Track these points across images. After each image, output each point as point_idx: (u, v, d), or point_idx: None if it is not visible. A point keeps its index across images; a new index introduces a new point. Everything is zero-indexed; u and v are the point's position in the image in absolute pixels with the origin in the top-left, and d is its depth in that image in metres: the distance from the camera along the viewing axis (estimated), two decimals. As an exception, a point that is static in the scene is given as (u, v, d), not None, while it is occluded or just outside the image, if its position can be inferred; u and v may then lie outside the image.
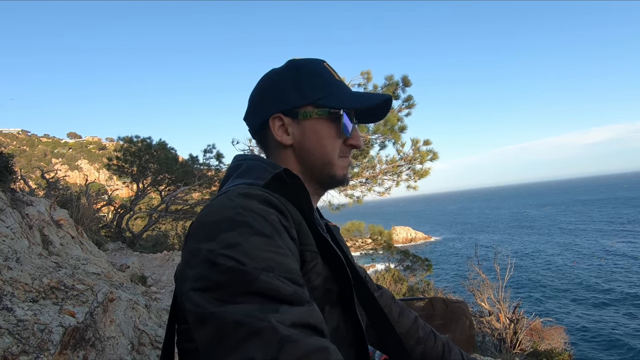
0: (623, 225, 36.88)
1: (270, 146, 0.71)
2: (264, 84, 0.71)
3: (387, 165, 7.88)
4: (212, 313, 0.40)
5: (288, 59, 0.72)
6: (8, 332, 1.24)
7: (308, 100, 0.67)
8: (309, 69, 0.69)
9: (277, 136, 0.67)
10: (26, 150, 78.91)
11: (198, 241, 0.48)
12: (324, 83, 0.68)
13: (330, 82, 0.69)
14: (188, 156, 10.46)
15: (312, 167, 0.68)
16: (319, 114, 0.67)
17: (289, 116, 0.67)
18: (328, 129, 0.67)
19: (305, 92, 0.67)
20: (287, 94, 0.67)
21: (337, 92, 0.68)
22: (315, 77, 0.68)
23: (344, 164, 0.70)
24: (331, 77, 0.70)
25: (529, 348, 6.31)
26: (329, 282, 0.57)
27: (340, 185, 0.73)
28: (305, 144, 0.67)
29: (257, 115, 0.70)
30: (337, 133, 0.68)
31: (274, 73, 0.71)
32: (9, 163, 2.63)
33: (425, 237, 43.36)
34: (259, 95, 0.71)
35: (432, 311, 2.06)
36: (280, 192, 0.56)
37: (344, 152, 0.70)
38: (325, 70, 0.70)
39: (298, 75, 0.68)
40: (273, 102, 0.68)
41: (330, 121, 0.67)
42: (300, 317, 0.41)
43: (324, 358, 0.38)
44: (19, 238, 1.83)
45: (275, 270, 0.44)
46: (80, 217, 5.25)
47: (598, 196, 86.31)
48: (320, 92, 0.67)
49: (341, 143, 0.69)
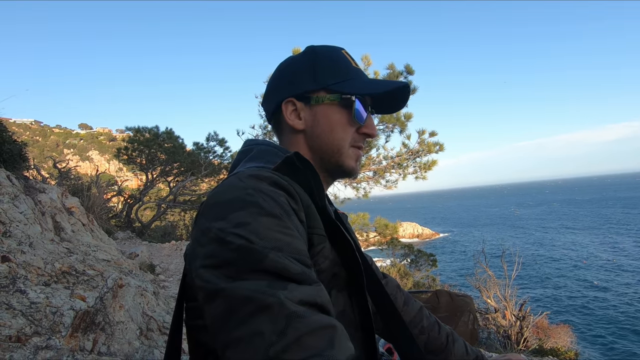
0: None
1: (283, 131, 0.71)
2: (281, 69, 0.71)
3: (394, 159, 7.83)
4: (222, 289, 0.41)
5: (307, 45, 0.72)
6: (22, 314, 1.28)
7: (321, 85, 0.66)
8: (325, 55, 0.68)
9: (289, 120, 0.67)
10: (39, 141, 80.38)
11: (208, 220, 0.48)
12: (338, 69, 0.67)
13: (345, 69, 0.68)
14: (193, 146, 10.53)
15: (321, 154, 0.68)
16: (331, 100, 0.66)
17: (302, 101, 0.67)
18: (340, 115, 0.66)
19: (319, 77, 0.66)
20: (301, 79, 0.67)
21: (352, 78, 0.67)
22: (331, 63, 0.68)
23: (354, 154, 0.69)
24: (347, 64, 0.69)
25: (535, 345, 6.28)
26: (337, 266, 0.57)
27: (348, 177, 0.71)
28: (316, 130, 0.67)
29: (271, 100, 0.71)
30: (349, 120, 0.67)
31: (291, 59, 0.71)
32: (23, 151, 2.69)
33: (432, 233, 43.15)
34: (275, 81, 0.71)
35: (437, 303, 2.05)
36: (290, 176, 0.56)
37: (356, 141, 0.68)
38: (341, 57, 0.69)
39: (314, 60, 0.68)
40: (287, 87, 0.68)
41: (342, 107, 0.66)
42: (308, 295, 0.41)
43: (331, 334, 0.38)
44: (32, 224, 1.87)
45: (284, 250, 0.44)
46: (91, 205, 5.35)
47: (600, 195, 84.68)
48: (334, 78, 0.66)
49: (354, 131, 0.68)
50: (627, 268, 20.48)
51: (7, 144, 2.55)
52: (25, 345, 1.18)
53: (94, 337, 1.46)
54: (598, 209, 55.00)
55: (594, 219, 43.95)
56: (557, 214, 53.55)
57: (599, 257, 23.75)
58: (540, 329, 7.07)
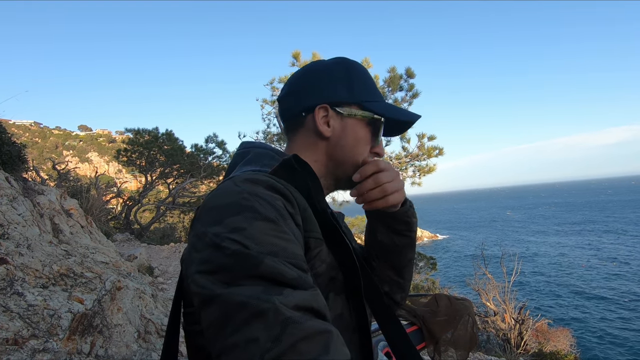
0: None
1: (304, 132, 0.70)
2: (314, 71, 0.72)
3: (393, 162, 7.83)
4: (217, 295, 0.41)
5: (337, 56, 0.75)
6: (19, 316, 1.27)
7: (356, 99, 0.69)
8: (359, 70, 0.71)
9: (319, 125, 0.68)
10: (38, 142, 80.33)
11: (204, 225, 0.48)
12: (371, 88, 0.71)
13: (374, 89, 0.72)
14: (192, 147, 10.53)
15: (340, 164, 0.70)
16: (363, 116, 0.69)
17: (334, 110, 0.69)
18: (365, 132, 0.70)
19: (354, 92, 0.69)
20: (338, 88, 0.69)
21: (380, 100, 0.72)
22: (365, 79, 0.71)
23: None
24: (375, 85, 0.73)
25: (534, 349, 6.26)
26: (334, 269, 0.57)
27: (351, 188, 0.74)
28: (342, 141, 0.69)
29: (300, 99, 0.70)
30: (372, 139, 0.71)
31: (324, 64, 0.72)
32: (21, 153, 2.68)
33: (431, 235, 43.16)
34: (307, 82, 0.71)
35: (436, 307, 2.04)
36: (287, 179, 0.56)
37: (367, 159, 0.71)
38: (371, 77, 0.73)
39: (349, 72, 0.70)
40: (322, 92, 0.69)
41: (369, 125, 0.70)
42: (303, 300, 0.41)
43: (326, 340, 0.38)
44: (30, 225, 1.87)
45: (279, 255, 0.44)
46: (89, 207, 5.34)
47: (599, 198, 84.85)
48: (367, 96, 0.70)
49: (369, 149, 0.71)
50: (625, 271, 20.48)
51: (6, 146, 2.55)
52: (23, 348, 1.17)
53: (92, 340, 1.45)
54: (590, 213, 55.15)
55: (583, 222, 44.04)
56: (545, 217, 53.83)
57: (598, 260, 23.75)
58: (540, 332, 7.05)
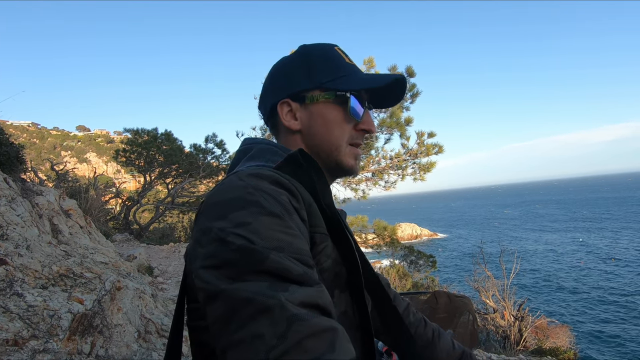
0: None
1: (280, 132, 0.70)
2: (274, 70, 0.71)
3: (392, 160, 7.82)
4: (222, 290, 0.41)
5: (299, 45, 0.71)
6: (19, 317, 1.27)
7: (315, 84, 0.66)
8: (317, 53, 0.68)
9: (285, 121, 0.67)
10: (36, 143, 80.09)
11: (209, 219, 0.48)
12: (332, 66, 0.67)
13: (339, 66, 0.67)
14: (191, 147, 10.52)
15: (319, 153, 0.67)
16: (325, 98, 0.65)
17: (297, 101, 0.67)
18: (335, 113, 0.66)
19: (313, 76, 0.66)
20: (295, 79, 0.67)
21: (346, 75, 0.66)
22: (324, 61, 0.67)
23: (352, 152, 0.68)
24: (341, 61, 0.68)
25: (534, 346, 6.29)
26: (338, 265, 0.56)
27: (348, 175, 0.70)
28: (312, 129, 0.66)
29: (266, 101, 0.70)
30: (345, 117, 0.66)
31: (284, 59, 0.71)
32: (20, 153, 2.68)
33: (430, 234, 43.20)
34: (269, 82, 0.71)
35: (435, 304, 2.04)
36: (291, 174, 0.56)
37: (354, 139, 0.68)
38: (335, 54, 0.68)
39: (306, 59, 0.67)
40: (281, 88, 0.68)
41: (337, 105, 0.66)
42: (309, 297, 0.40)
43: (332, 337, 0.38)
44: (29, 226, 1.86)
45: (285, 251, 0.43)
46: (88, 207, 5.33)
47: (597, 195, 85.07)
48: (328, 76, 0.66)
49: (351, 128, 0.67)
50: (625, 268, 20.55)
51: (4, 146, 2.54)
52: (23, 349, 1.17)
53: (92, 340, 1.45)
54: (587, 209, 55.33)
55: (580, 219, 44.17)
56: (541, 215, 54.04)
57: (596, 256, 23.82)
58: (539, 329, 7.07)
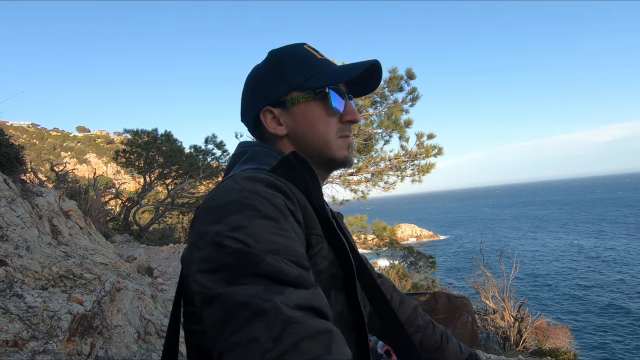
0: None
1: (267, 140, 0.71)
2: (249, 81, 0.72)
3: (392, 161, 7.82)
4: (218, 294, 0.41)
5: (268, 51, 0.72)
6: (18, 318, 1.27)
7: (292, 86, 0.66)
8: (287, 55, 0.69)
9: (270, 129, 0.68)
10: (36, 144, 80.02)
11: (205, 224, 0.48)
12: (305, 66, 0.67)
13: (311, 64, 0.68)
14: (191, 148, 10.52)
15: (311, 152, 0.68)
16: (305, 97, 0.66)
17: (278, 107, 0.68)
18: (318, 110, 0.67)
19: (288, 79, 0.66)
20: (272, 86, 0.67)
21: (320, 71, 0.67)
22: (295, 61, 0.68)
23: (343, 144, 0.68)
24: (312, 58, 0.68)
25: (534, 346, 6.28)
26: (335, 266, 0.57)
27: (344, 167, 0.71)
28: (298, 131, 0.67)
29: (248, 113, 0.71)
30: (328, 112, 0.67)
31: (256, 68, 0.72)
32: (20, 154, 2.68)
33: (430, 234, 43.21)
34: (247, 94, 0.72)
35: (434, 305, 2.05)
36: (286, 176, 0.56)
37: (342, 131, 0.69)
38: (305, 53, 0.69)
39: (278, 64, 0.68)
40: (260, 97, 0.69)
41: (318, 101, 0.67)
42: (304, 299, 0.41)
43: (327, 339, 0.38)
44: (29, 227, 1.86)
45: (280, 253, 0.44)
46: (88, 208, 5.33)
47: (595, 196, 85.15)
48: (303, 76, 0.66)
49: (337, 122, 0.68)
50: (623, 267, 20.54)
51: (3, 147, 2.54)
52: (22, 350, 1.17)
53: (92, 341, 1.45)
54: (586, 210, 55.40)
55: (580, 221, 44.20)
56: (539, 216, 54.14)
57: (596, 256, 23.82)
58: (539, 330, 7.07)
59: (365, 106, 7.48)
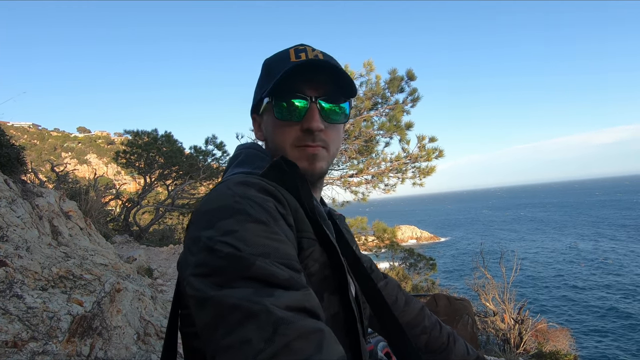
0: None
1: (259, 141, 0.77)
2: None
3: (392, 163, 7.81)
4: (210, 297, 0.42)
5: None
6: (18, 319, 1.27)
7: (260, 94, 0.68)
8: (269, 62, 0.69)
9: (255, 132, 0.74)
10: (36, 144, 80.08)
11: (198, 229, 0.49)
12: (271, 73, 0.66)
13: (280, 69, 0.63)
14: (191, 149, 10.54)
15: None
16: (266, 107, 0.67)
17: (257, 113, 0.72)
18: (272, 119, 0.66)
19: (261, 87, 0.69)
20: (256, 93, 0.72)
21: (274, 78, 0.64)
22: (268, 69, 0.68)
23: (300, 155, 0.64)
24: (284, 63, 0.64)
25: (534, 349, 6.27)
26: (327, 269, 0.57)
27: (312, 179, 0.66)
28: (268, 137, 0.70)
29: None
30: (275, 121, 0.65)
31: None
32: (20, 155, 2.68)
33: (430, 236, 43.16)
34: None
35: (435, 307, 2.05)
36: (277, 180, 0.57)
37: (300, 141, 0.64)
38: (283, 57, 0.66)
39: (262, 71, 0.71)
40: (252, 103, 0.74)
41: (273, 109, 0.65)
42: (295, 300, 0.41)
43: (319, 339, 0.38)
44: (29, 228, 1.86)
45: (271, 256, 0.45)
46: (88, 209, 5.33)
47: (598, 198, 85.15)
48: (268, 84, 0.65)
49: (297, 130, 0.64)
50: (622, 269, 20.51)
51: (4, 148, 2.55)
52: (22, 351, 1.17)
53: (91, 342, 1.45)
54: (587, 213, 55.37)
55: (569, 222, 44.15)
56: (539, 218, 54.14)
57: (596, 257, 23.78)
58: (539, 332, 7.05)
59: (366, 108, 7.47)
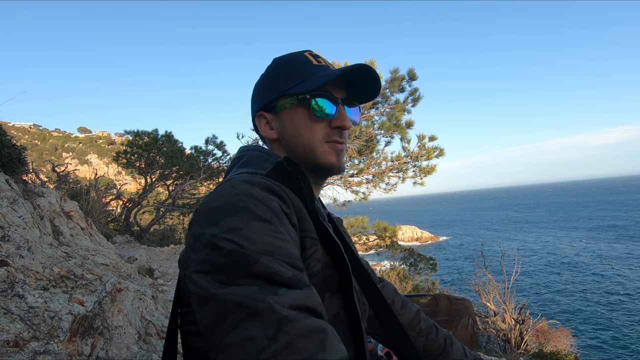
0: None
1: (265, 142, 0.75)
2: (254, 86, 0.76)
3: (393, 162, 7.80)
4: (214, 294, 0.42)
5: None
6: (19, 318, 1.27)
7: (280, 92, 0.68)
8: (283, 62, 0.71)
9: (262, 132, 0.72)
10: (37, 144, 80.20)
11: (201, 226, 0.49)
12: (294, 72, 0.69)
13: (302, 70, 0.69)
14: (192, 149, 10.54)
15: (298, 157, 0.68)
16: (290, 103, 0.68)
17: (270, 112, 0.71)
18: (302, 116, 0.67)
19: (279, 86, 0.69)
20: (265, 92, 0.71)
21: (308, 77, 0.68)
22: (287, 68, 0.70)
23: (331, 150, 0.68)
24: (304, 65, 0.69)
25: (535, 349, 6.26)
26: (329, 269, 0.57)
27: (332, 174, 0.71)
28: (285, 135, 0.69)
29: (252, 118, 0.76)
30: (311, 118, 0.67)
31: (260, 75, 0.76)
32: (21, 155, 2.69)
33: (431, 236, 43.09)
34: (252, 98, 0.76)
35: (435, 307, 2.05)
36: (281, 181, 0.57)
37: (330, 136, 0.68)
38: (300, 60, 0.70)
39: (274, 71, 0.71)
40: (258, 102, 0.73)
41: (303, 107, 0.67)
42: (298, 299, 0.41)
43: (321, 338, 0.38)
44: (31, 228, 1.87)
45: (274, 255, 0.45)
46: (89, 209, 5.34)
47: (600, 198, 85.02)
48: (291, 82, 0.68)
49: (325, 127, 0.68)
50: (622, 269, 20.48)
51: (6, 148, 2.55)
52: (23, 350, 1.17)
53: (93, 341, 1.45)
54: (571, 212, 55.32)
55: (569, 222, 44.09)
56: (540, 218, 54.05)
57: (595, 258, 23.75)
58: (540, 332, 7.04)
59: (366, 107, 7.47)
